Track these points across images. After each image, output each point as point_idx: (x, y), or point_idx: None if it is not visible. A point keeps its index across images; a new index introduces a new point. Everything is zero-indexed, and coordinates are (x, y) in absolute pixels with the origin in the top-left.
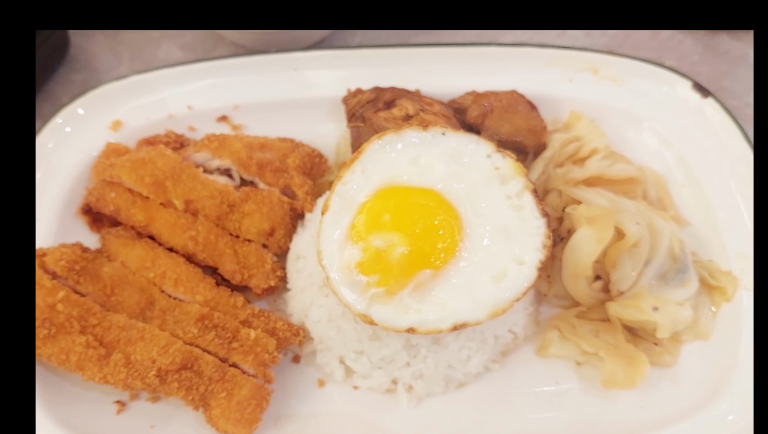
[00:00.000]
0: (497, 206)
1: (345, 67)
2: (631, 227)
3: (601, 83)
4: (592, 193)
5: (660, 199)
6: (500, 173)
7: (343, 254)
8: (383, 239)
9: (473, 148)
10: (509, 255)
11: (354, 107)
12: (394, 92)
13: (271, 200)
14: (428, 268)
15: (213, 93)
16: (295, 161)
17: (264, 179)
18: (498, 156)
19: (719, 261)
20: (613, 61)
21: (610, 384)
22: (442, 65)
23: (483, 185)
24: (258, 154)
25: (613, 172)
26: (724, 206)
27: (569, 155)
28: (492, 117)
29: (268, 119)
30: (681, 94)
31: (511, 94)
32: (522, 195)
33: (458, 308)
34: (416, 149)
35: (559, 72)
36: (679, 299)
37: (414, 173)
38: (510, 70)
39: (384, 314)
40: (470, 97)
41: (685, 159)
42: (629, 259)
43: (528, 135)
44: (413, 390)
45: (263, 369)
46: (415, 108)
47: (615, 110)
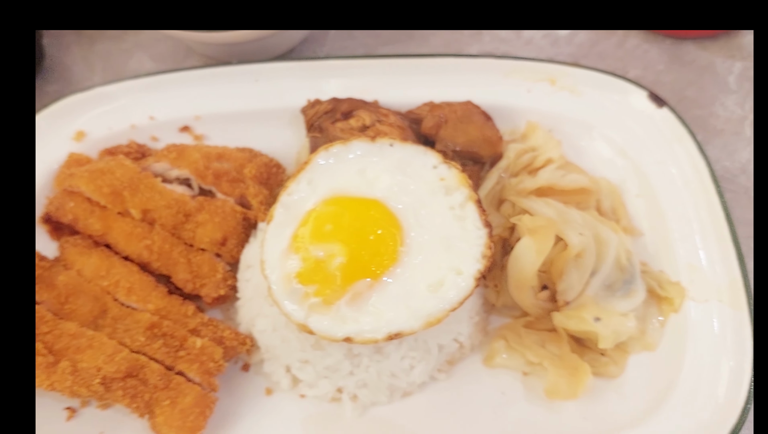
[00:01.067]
0: (440, 216)
1: (306, 78)
2: (574, 237)
3: (558, 94)
4: (540, 203)
5: (614, 209)
6: (445, 184)
7: (284, 265)
8: (323, 249)
9: (420, 159)
10: (448, 265)
11: (312, 118)
12: (351, 103)
13: (224, 210)
14: (366, 278)
15: (175, 104)
16: (252, 171)
17: (220, 188)
18: (444, 167)
19: (670, 272)
20: (571, 71)
21: (552, 394)
22: (401, 76)
23: (427, 196)
24: (215, 164)
25: (565, 182)
26: (677, 217)
27: (524, 165)
28: (446, 128)
29: (229, 129)
30: (637, 105)
31: (466, 104)
32: (465, 206)
33: (393, 318)
34: (364, 160)
35: (518, 83)
36: (624, 309)
37: (360, 184)
38: (469, 81)
39: (322, 323)
40: (427, 108)
41: (640, 170)
42: (575, 269)
43: (483, 145)
44: (358, 399)
45: (208, 377)
46: (371, 119)
47: (571, 120)
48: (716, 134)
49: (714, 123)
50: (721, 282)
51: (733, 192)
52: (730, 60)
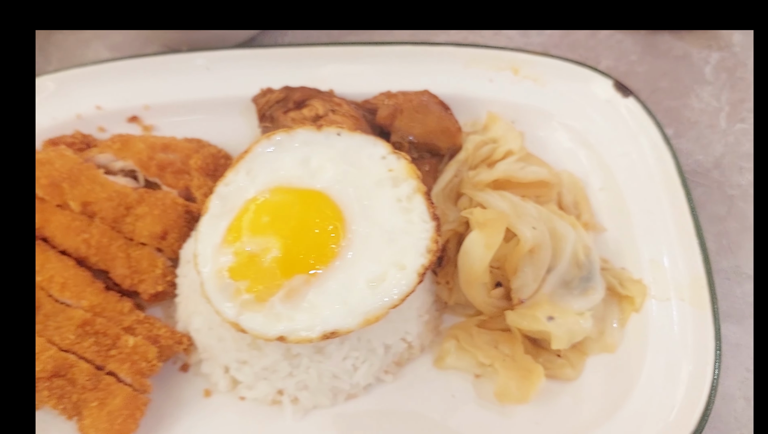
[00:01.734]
0: (386, 208)
1: (260, 67)
2: (526, 231)
3: (521, 83)
4: (494, 196)
5: (576, 203)
6: (393, 175)
7: (217, 259)
8: (258, 243)
9: (368, 149)
10: (390, 260)
11: (263, 107)
12: (304, 92)
13: (164, 203)
14: (302, 273)
15: (123, 93)
16: (197, 162)
17: (164, 180)
18: (393, 158)
19: (632, 269)
20: (534, 60)
21: (503, 397)
22: (358, 65)
23: (374, 188)
24: (160, 155)
25: (523, 174)
26: (640, 211)
27: (483, 157)
28: (401, 118)
29: (180, 119)
30: (602, 95)
31: (423, 94)
32: (412, 198)
33: (329, 316)
34: (308, 149)
35: (480, 72)
36: (581, 308)
37: (302, 175)
38: (429, 71)
39: (254, 322)
40: (383, 97)
41: (604, 162)
42: (530, 266)
43: (441, 137)
44: (299, 401)
45: (140, 377)
46: (324, 108)
47: (535, 111)
48: (690, 126)
49: (688, 115)
50: (684, 280)
51: (705, 187)
52: (706, 50)
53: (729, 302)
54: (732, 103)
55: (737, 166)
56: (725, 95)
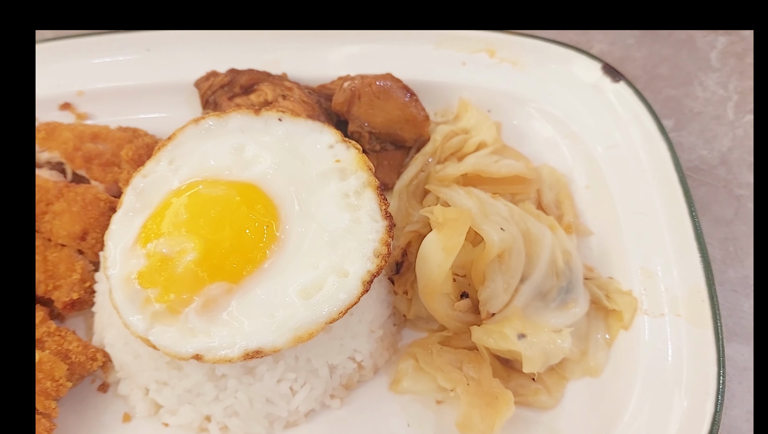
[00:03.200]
0: (329, 205)
1: (207, 49)
2: (492, 233)
3: (498, 67)
4: (460, 193)
5: (558, 202)
6: (340, 167)
7: (128, 262)
8: (173, 244)
9: (313, 136)
10: (330, 265)
11: (206, 92)
12: (252, 75)
13: (85, 198)
14: (223, 280)
15: (54, 77)
16: (129, 153)
17: (91, 173)
18: (341, 147)
19: (621, 279)
20: (512, 41)
21: (465, 428)
22: (316, 48)
23: (318, 181)
24: (88, 145)
25: (494, 168)
26: (631, 212)
27: (453, 149)
28: (359, 104)
29: (118, 106)
30: (589, 79)
31: (384, 78)
32: (362, 193)
33: (253, 331)
34: (243, 136)
35: (451, 54)
36: (559, 324)
37: (234, 165)
38: (394, 53)
39: (166, 337)
40: (341, 82)
41: (591, 156)
42: (500, 274)
43: (406, 126)
44: (229, 430)
45: (44, 399)
46: (275, 93)
47: (513, 98)
48: (693, 118)
49: (691, 105)
50: (680, 292)
51: (709, 186)
52: (712, 34)
53: (735, 319)
54: (741, 92)
55: (746, 162)
56: (733, 83)
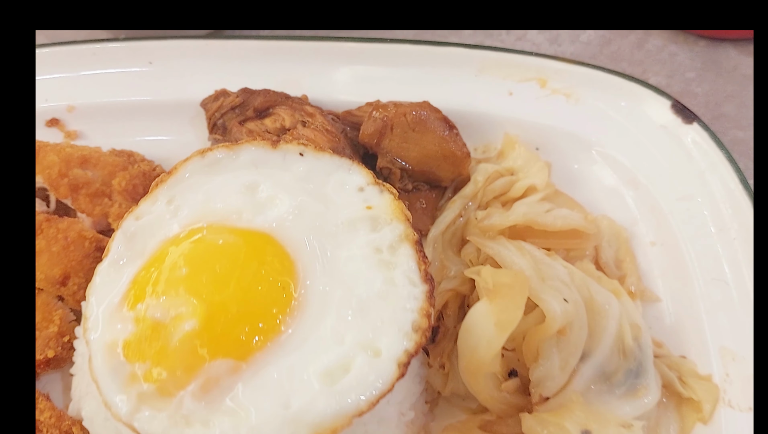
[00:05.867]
0: (359, 261)
1: (215, 63)
2: (555, 305)
3: (549, 99)
4: (510, 249)
5: (618, 261)
6: (372, 215)
7: (112, 326)
8: (168, 307)
9: (341, 177)
10: (357, 339)
11: (214, 114)
12: (267, 97)
13: (67, 236)
14: (227, 356)
15: (42, 89)
16: (122, 182)
17: (77, 204)
18: (373, 190)
19: (697, 359)
20: (567, 69)
21: None
22: (340, 66)
23: (345, 231)
24: (76, 171)
25: (549, 220)
26: (707, 276)
27: (497, 193)
28: (392, 137)
29: (112, 125)
30: (657, 118)
31: (421, 107)
32: (397, 248)
33: (261, 424)
34: (257, 172)
35: (496, 82)
36: (628, 414)
37: (246, 208)
38: (431, 77)
39: (155, 424)
40: (370, 109)
41: (658, 208)
42: (557, 351)
43: (443, 164)
44: None
45: None
46: (293, 119)
47: (566, 136)
48: None
49: None
50: None
51: None
52: None
53: None
54: None
55: None
56: None
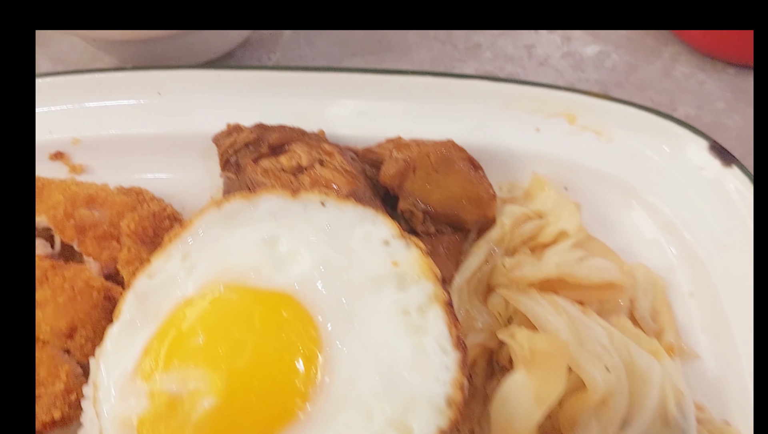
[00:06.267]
0: (386, 325)
1: (227, 95)
2: (596, 375)
3: (579, 136)
4: (546, 307)
5: (655, 313)
6: (398, 272)
7: (125, 398)
8: (185, 379)
9: (365, 229)
10: (387, 416)
11: (227, 151)
12: (283, 133)
13: (75, 284)
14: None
15: (46, 120)
16: (131, 224)
17: (84, 247)
18: (399, 244)
19: (742, 426)
20: (598, 105)
21: None
22: (358, 100)
23: (370, 290)
24: (82, 211)
25: (583, 272)
26: (751, 331)
27: (525, 238)
28: (414, 178)
29: (120, 160)
30: (694, 160)
31: (446, 146)
32: (426, 311)
33: None
34: (276, 225)
35: (523, 117)
36: None
37: (264, 265)
38: (454, 112)
39: None
40: (391, 146)
41: (695, 255)
42: (596, 421)
43: (468, 206)
44: None
45: None
46: (310, 158)
47: (597, 175)
48: None
49: None
50: None
51: None
52: None
53: None
54: None
55: None
56: None
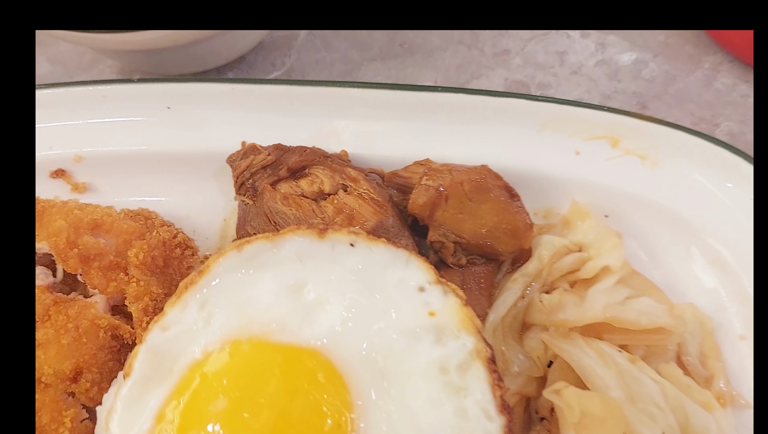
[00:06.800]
0: (422, 385)
1: (243, 110)
2: None
3: (622, 161)
4: (592, 357)
5: (704, 357)
6: (435, 323)
7: None
8: None
9: (398, 274)
10: None
11: (243, 173)
12: (303, 156)
13: (79, 323)
14: None
15: (47, 136)
16: (140, 253)
17: (89, 279)
18: (436, 291)
19: None
20: (643, 128)
21: None
22: (385, 117)
23: (405, 345)
24: (86, 238)
25: (631, 317)
26: None
27: (565, 272)
28: (446, 208)
29: (126, 178)
30: (744, 190)
31: (480, 173)
32: (467, 369)
33: None
34: (302, 268)
35: (561, 139)
36: None
37: (291, 315)
38: (487, 132)
39: None
40: (420, 170)
41: (748, 296)
42: None
43: (504, 237)
44: None
45: None
46: (333, 183)
47: (640, 204)
48: None
49: None
50: None
51: None
52: None
53: None
54: None
55: None
56: None
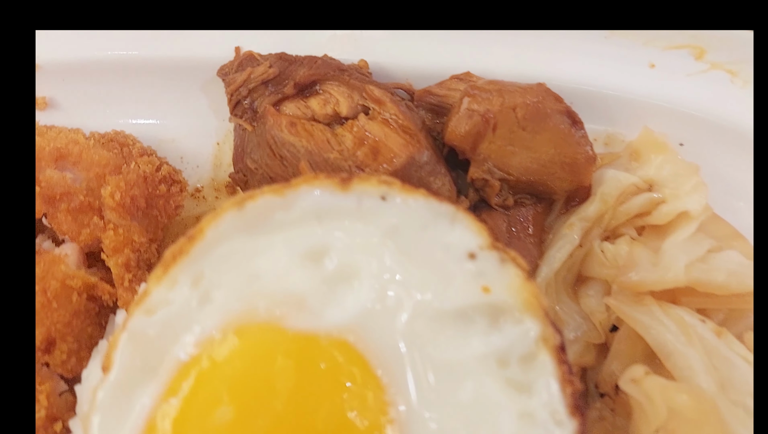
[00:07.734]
0: (475, 380)
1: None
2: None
3: (706, 76)
4: (672, 332)
5: None
6: (490, 302)
7: None
8: None
9: (442, 234)
10: None
11: (238, 90)
12: (313, 69)
13: (47, 286)
14: None
15: None
16: (116, 194)
17: (57, 223)
18: (491, 259)
19: None
20: (736, 38)
21: None
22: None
23: (452, 329)
24: (50, 172)
25: (720, 278)
26: None
27: (632, 216)
28: (494, 140)
29: (95, 91)
30: None
31: (537, 94)
32: (532, 361)
33: None
34: (322, 230)
35: (633, 48)
36: None
37: (311, 292)
38: (539, 39)
39: None
40: (460, 86)
41: None
42: None
43: (560, 172)
44: None
45: None
46: (351, 104)
47: (725, 130)
48: None
49: None
50: None
51: None
52: None
53: None
54: None
55: None
56: None
